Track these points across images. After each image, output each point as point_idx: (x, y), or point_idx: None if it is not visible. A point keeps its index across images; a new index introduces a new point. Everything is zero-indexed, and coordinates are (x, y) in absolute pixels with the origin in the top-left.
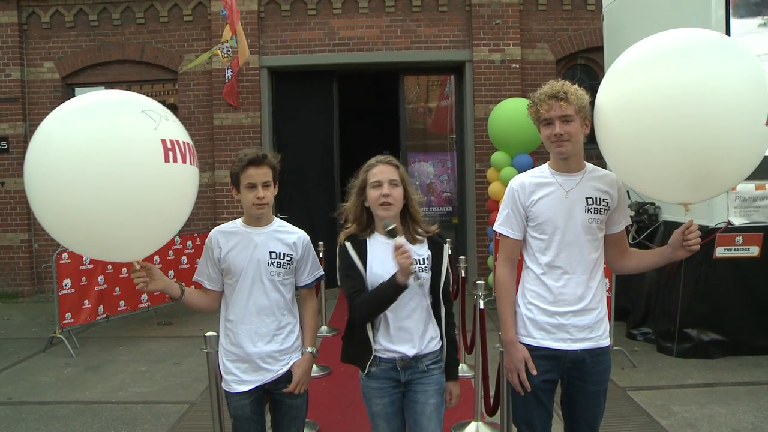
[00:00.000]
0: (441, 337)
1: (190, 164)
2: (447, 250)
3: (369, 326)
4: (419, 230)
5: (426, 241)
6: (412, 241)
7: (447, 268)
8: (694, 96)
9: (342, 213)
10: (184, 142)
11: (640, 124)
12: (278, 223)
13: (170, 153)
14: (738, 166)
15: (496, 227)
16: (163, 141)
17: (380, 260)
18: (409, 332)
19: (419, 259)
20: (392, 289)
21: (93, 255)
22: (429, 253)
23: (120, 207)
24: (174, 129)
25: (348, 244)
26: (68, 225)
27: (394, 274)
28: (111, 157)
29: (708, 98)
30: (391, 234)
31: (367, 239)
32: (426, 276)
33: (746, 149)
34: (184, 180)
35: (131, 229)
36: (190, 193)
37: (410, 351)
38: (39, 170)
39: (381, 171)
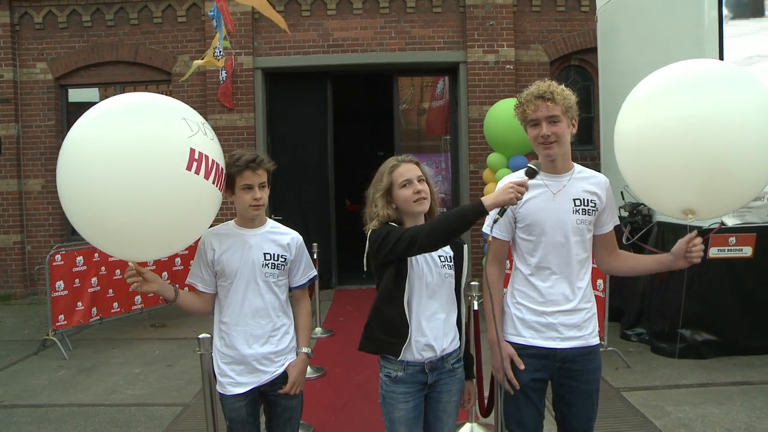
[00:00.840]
0: (461, 335)
1: (213, 184)
2: (467, 250)
3: (405, 306)
4: None
5: None
6: None
7: (468, 269)
8: (708, 124)
9: (367, 218)
10: (214, 161)
11: (660, 149)
12: (271, 224)
13: (195, 163)
14: (745, 187)
15: (485, 228)
16: (192, 150)
17: (416, 257)
18: (437, 330)
19: (447, 257)
20: (473, 209)
21: (102, 248)
22: (452, 252)
23: (132, 204)
24: (209, 146)
25: (389, 224)
26: (87, 216)
27: (480, 200)
28: (138, 153)
29: (720, 127)
30: (533, 173)
31: None
32: (453, 273)
33: (753, 173)
34: (201, 195)
35: (140, 228)
36: (206, 211)
37: (438, 349)
38: (71, 166)
39: (407, 170)
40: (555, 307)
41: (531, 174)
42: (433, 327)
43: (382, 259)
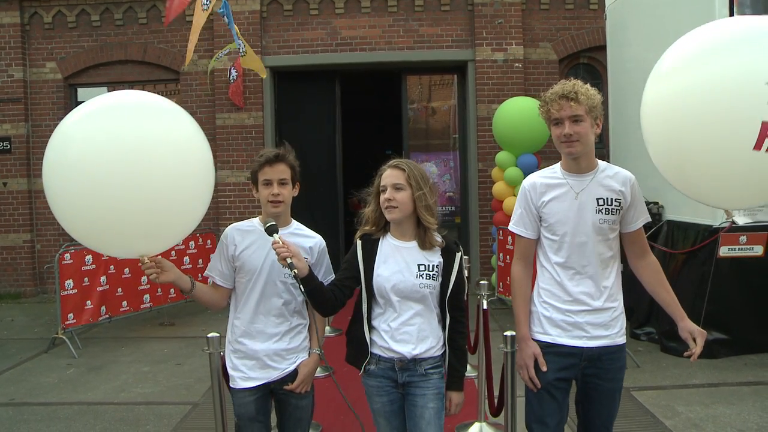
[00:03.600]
0: (444, 345)
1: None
2: (459, 258)
3: (366, 328)
4: (429, 237)
5: (439, 248)
6: (422, 246)
7: (458, 277)
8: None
9: (360, 218)
10: None
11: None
12: (296, 225)
13: None
14: None
15: (511, 226)
16: None
17: (387, 263)
18: (409, 334)
19: (429, 266)
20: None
21: (100, 249)
22: (440, 260)
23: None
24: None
25: (359, 242)
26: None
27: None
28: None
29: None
30: (271, 230)
31: (380, 239)
32: (434, 283)
33: None
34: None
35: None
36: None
37: (408, 353)
38: (60, 166)
39: (387, 176)
40: (581, 307)
41: (268, 231)
42: (403, 332)
43: None
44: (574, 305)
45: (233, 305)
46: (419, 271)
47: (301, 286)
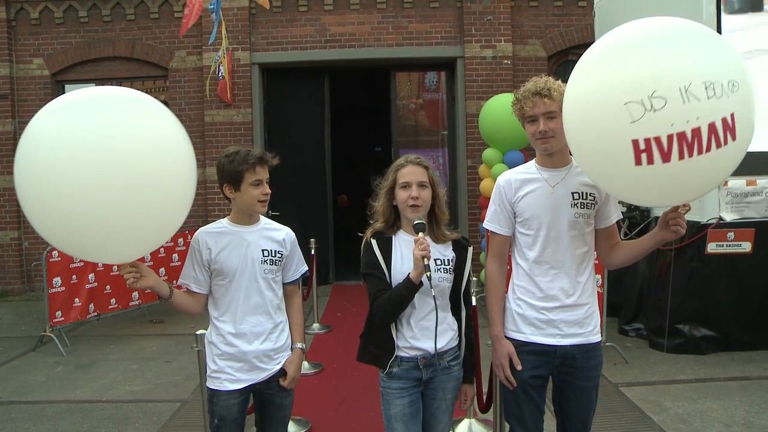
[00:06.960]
0: (459, 335)
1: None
2: (470, 253)
3: (393, 324)
4: (442, 232)
5: (451, 242)
6: (435, 240)
7: (470, 272)
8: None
9: (371, 212)
10: None
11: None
12: (264, 220)
13: None
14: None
15: (485, 224)
16: None
17: (404, 258)
18: (429, 330)
19: (444, 260)
20: (406, 288)
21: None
22: (453, 254)
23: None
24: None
25: (373, 241)
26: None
27: (409, 273)
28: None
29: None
30: (419, 228)
31: (393, 237)
32: (450, 277)
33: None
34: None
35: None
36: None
37: (431, 348)
38: (30, 164)
39: (410, 172)
40: (555, 303)
41: (418, 228)
42: (423, 327)
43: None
44: (548, 302)
45: (213, 309)
46: (436, 265)
47: (430, 287)
